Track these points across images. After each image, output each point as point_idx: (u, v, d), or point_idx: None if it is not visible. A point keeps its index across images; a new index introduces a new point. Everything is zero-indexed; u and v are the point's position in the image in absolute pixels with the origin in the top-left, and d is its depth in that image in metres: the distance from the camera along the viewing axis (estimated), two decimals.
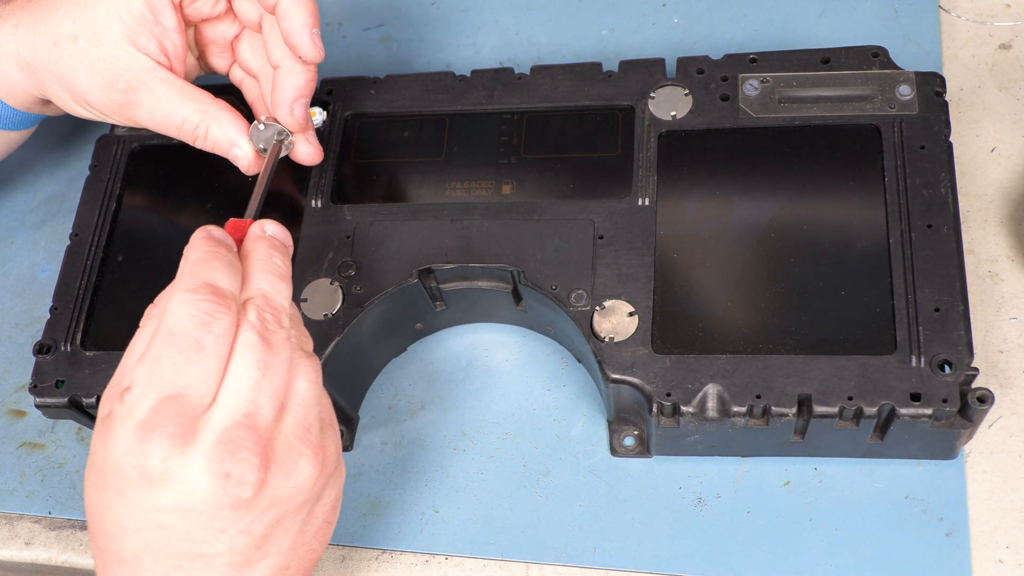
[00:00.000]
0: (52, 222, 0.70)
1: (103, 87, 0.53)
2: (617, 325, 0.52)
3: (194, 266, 0.43)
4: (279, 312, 0.43)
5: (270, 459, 0.41)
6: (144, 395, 0.40)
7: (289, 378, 0.43)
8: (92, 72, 0.53)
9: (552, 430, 0.57)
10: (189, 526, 0.40)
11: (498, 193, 0.57)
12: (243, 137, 0.54)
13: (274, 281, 0.44)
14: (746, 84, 0.57)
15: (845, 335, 0.50)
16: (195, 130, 0.54)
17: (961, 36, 0.66)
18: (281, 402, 0.42)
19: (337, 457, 0.45)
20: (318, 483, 0.43)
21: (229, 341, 0.41)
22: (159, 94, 0.53)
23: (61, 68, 0.53)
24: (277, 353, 0.42)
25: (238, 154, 0.54)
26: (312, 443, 0.42)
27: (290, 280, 0.46)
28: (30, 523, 0.59)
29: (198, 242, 0.44)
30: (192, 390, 0.40)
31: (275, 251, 0.46)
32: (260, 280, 0.44)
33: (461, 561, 0.54)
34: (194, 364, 0.40)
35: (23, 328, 0.66)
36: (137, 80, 0.53)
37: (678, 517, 0.53)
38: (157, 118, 0.54)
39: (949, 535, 0.51)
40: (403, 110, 0.61)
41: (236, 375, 0.41)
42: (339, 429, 0.47)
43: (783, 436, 0.51)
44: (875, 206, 0.53)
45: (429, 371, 0.60)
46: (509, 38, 0.72)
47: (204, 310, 0.41)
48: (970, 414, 0.48)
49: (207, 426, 0.40)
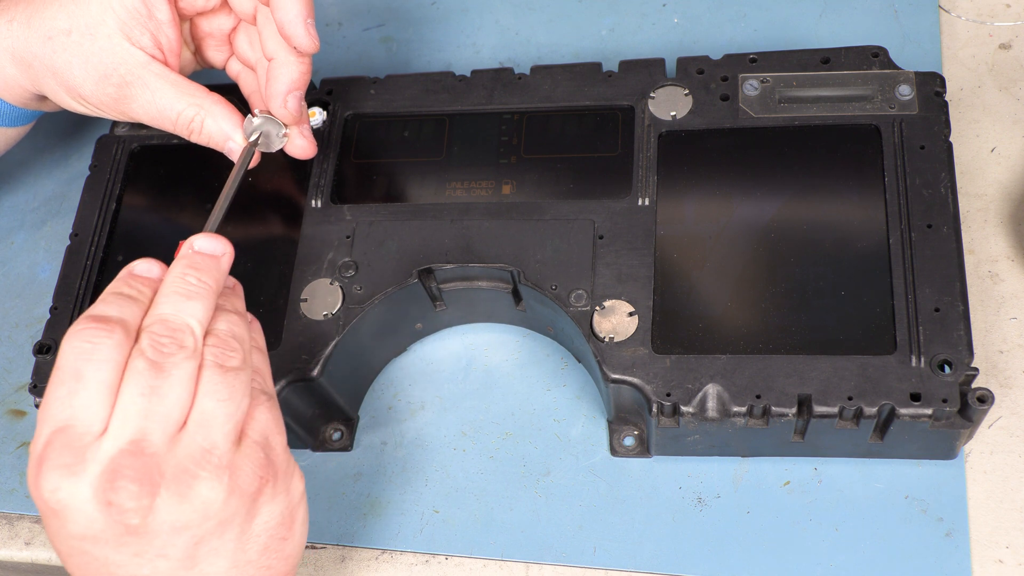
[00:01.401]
0: (52, 222, 0.70)
1: (97, 81, 0.53)
2: (617, 325, 0.52)
3: (93, 305, 0.43)
4: (179, 331, 0.42)
5: (157, 484, 0.40)
6: (40, 431, 0.41)
7: (188, 399, 0.41)
8: (86, 66, 0.53)
9: (552, 430, 0.57)
10: (104, 552, 0.40)
11: (498, 193, 0.57)
12: (237, 131, 0.54)
13: (178, 301, 0.43)
14: (746, 84, 0.57)
15: (845, 335, 0.50)
16: (190, 124, 0.54)
17: (961, 36, 0.66)
18: (177, 424, 0.41)
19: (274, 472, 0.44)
20: (230, 503, 0.41)
21: (116, 364, 0.41)
22: (153, 88, 0.53)
23: (55, 63, 0.53)
24: (168, 375, 0.41)
25: (233, 148, 0.54)
26: (214, 464, 0.41)
27: (208, 296, 0.44)
28: (30, 523, 0.59)
29: (115, 280, 0.45)
30: (78, 420, 0.40)
31: (192, 269, 0.45)
32: (162, 303, 0.43)
33: (461, 561, 0.54)
34: (76, 394, 0.40)
35: (23, 328, 0.66)
36: (131, 74, 0.53)
37: (678, 517, 0.53)
38: (152, 112, 0.54)
39: (949, 535, 0.51)
40: (403, 110, 0.61)
41: (123, 402, 0.40)
42: (285, 438, 0.46)
43: (783, 436, 0.51)
44: (875, 206, 0.53)
45: (429, 371, 0.60)
46: (509, 38, 0.72)
47: (84, 339, 0.41)
48: (970, 414, 0.48)
49: (95, 456, 0.40)
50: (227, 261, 0.47)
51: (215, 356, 0.43)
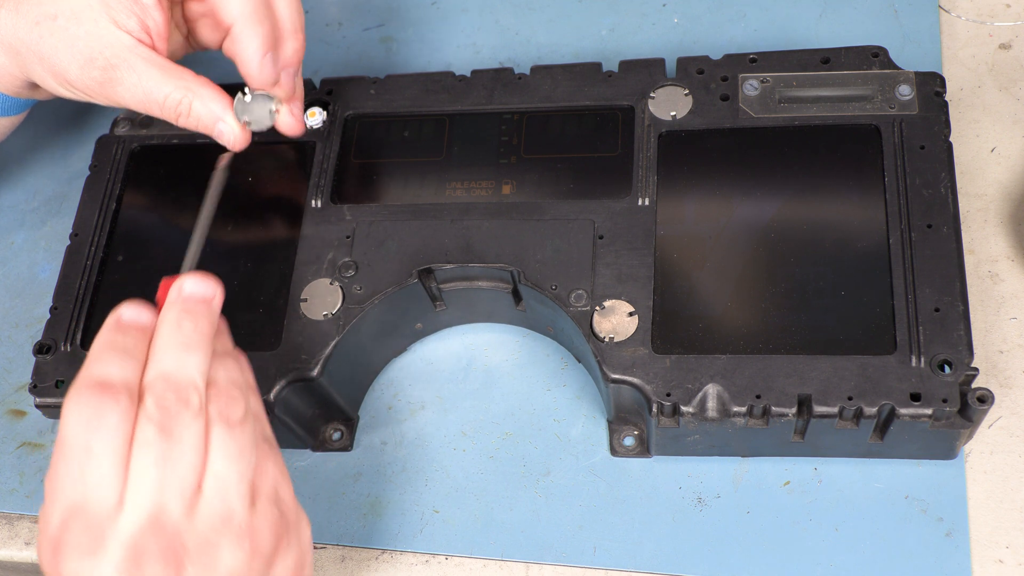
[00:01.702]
0: (52, 222, 0.70)
1: (82, 65, 0.52)
2: (617, 325, 0.52)
3: (88, 361, 0.41)
4: (184, 389, 0.41)
5: (182, 560, 0.39)
6: (52, 510, 0.39)
7: (200, 461, 0.41)
8: (72, 51, 0.52)
9: (552, 430, 0.57)
10: None
11: (498, 193, 0.57)
12: (227, 112, 0.52)
13: (179, 354, 0.42)
14: (746, 84, 0.57)
15: (845, 335, 0.50)
16: (177, 107, 0.52)
17: (961, 36, 0.66)
18: (192, 489, 0.40)
19: (286, 525, 0.43)
20: (252, 567, 0.41)
21: (124, 434, 0.39)
22: (140, 71, 0.52)
23: (42, 48, 0.52)
24: (179, 440, 0.40)
25: (223, 129, 0.53)
26: (234, 528, 0.40)
27: (206, 344, 0.43)
28: (30, 523, 0.59)
29: (104, 331, 0.43)
30: (93, 498, 0.39)
31: (187, 315, 0.43)
32: (162, 357, 0.42)
33: (461, 561, 0.54)
34: (89, 471, 0.39)
35: (23, 328, 0.66)
36: (117, 58, 0.52)
37: (678, 517, 0.53)
38: (139, 96, 0.52)
39: (949, 535, 0.51)
40: (403, 110, 0.61)
41: (136, 474, 0.39)
42: (291, 483, 0.45)
43: (783, 436, 0.51)
44: (875, 206, 0.53)
45: (429, 371, 0.60)
46: (509, 38, 0.72)
47: (90, 408, 0.39)
48: (970, 414, 0.48)
49: (115, 535, 0.39)
50: (218, 303, 0.45)
51: (220, 411, 0.42)
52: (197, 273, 0.45)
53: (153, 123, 0.63)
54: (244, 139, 0.53)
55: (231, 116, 0.53)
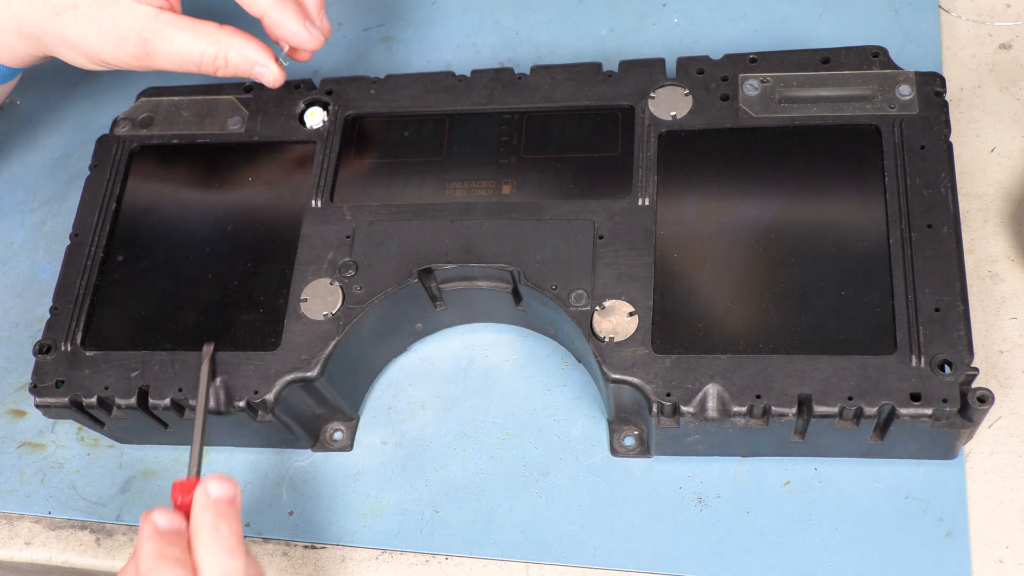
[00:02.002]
0: (52, 222, 0.70)
1: (115, 45, 0.54)
2: (617, 325, 0.52)
3: (143, 573, 0.44)
4: None
5: None
6: None
7: None
8: (101, 34, 0.54)
9: (552, 430, 0.57)
10: None
11: (498, 193, 0.57)
12: (262, 54, 0.56)
13: (224, 560, 0.45)
14: (746, 84, 0.57)
15: (845, 335, 0.50)
16: (215, 61, 0.55)
17: (961, 36, 0.66)
18: None
19: None
20: None
21: None
22: (171, 37, 0.54)
23: (69, 35, 0.54)
24: None
25: (263, 72, 0.56)
26: None
27: (241, 544, 0.46)
28: (30, 523, 0.59)
29: (146, 541, 0.45)
30: None
31: (222, 519, 0.46)
32: (210, 565, 0.44)
33: (461, 561, 0.54)
34: None
35: (23, 328, 0.66)
36: (147, 31, 0.54)
37: (678, 517, 0.53)
38: (175, 60, 0.55)
39: (949, 535, 0.51)
40: (403, 110, 0.61)
41: None
42: None
43: (783, 436, 0.51)
44: (875, 206, 0.53)
45: (429, 371, 0.60)
46: (509, 38, 0.72)
47: None
48: (970, 414, 0.48)
49: None
50: (239, 501, 0.48)
51: None
52: (218, 476, 0.47)
53: (153, 123, 0.63)
54: (282, 77, 0.57)
55: (265, 58, 0.56)
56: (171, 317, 0.56)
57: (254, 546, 0.56)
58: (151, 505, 0.58)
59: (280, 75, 0.57)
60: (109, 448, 0.61)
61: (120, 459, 0.60)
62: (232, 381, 0.53)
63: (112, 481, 0.60)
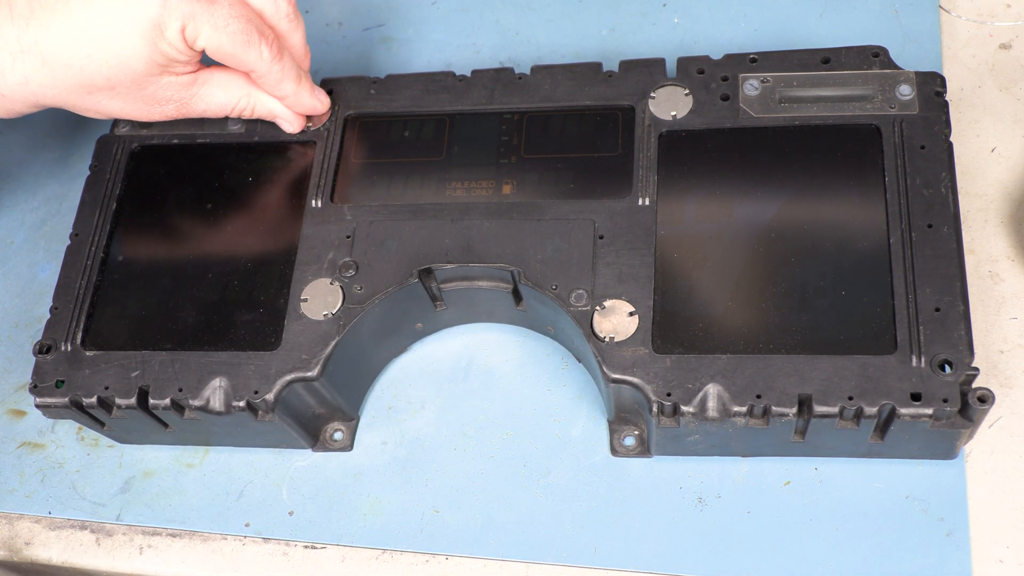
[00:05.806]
0: (52, 222, 0.70)
1: (151, 112, 0.58)
2: (617, 325, 0.52)
3: None
4: None
5: None
6: None
7: None
8: (138, 105, 0.57)
9: (552, 430, 0.57)
10: None
11: (498, 193, 0.57)
12: (284, 109, 0.60)
13: None
14: (746, 84, 0.57)
15: (845, 335, 0.50)
16: (243, 112, 0.60)
17: (961, 36, 0.66)
18: None
19: None
20: None
21: None
22: (204, 96, 0.58)
23: (103, 109, 0.57)
24: None
25: (283, 123, 0.60)
26: None
27: None
28: (30, 523, 0.59)
29: None
30: None
31: None
32: None
33: (461, 561, 0.54)
34: None
35: (23, 328, 0.66)
36: (185, 96, 0.58)
37: (678, 517, 0.53)
38: (211, 111, 0.59)
39: (949, 535, 0.51)
40: (403, 110, 0.61)
41: None
42: None
43: (783, 436, 0.51)
44: (875, 206, 0.53)
45: (429, 371, 0.60)
46: (509, 38, 0.72)
47: None
48: (970, 414, 0.48)
49: None
50: None
51: None
52: None
53: (153, 123, 0.63)
54: (301, 122, 0.61)
55: (287, 113, 0.60)
56: (171, 317, 0.56)
57: (254, 546, 0.56)
58: (151, 505, 0.58)
59: (299, 126, 0.61)
60: (109, 448, 0.61)
61: (120, 459, 0.60)
62: (232, 381, 0.53)
63: (112, 481, 0.60)
